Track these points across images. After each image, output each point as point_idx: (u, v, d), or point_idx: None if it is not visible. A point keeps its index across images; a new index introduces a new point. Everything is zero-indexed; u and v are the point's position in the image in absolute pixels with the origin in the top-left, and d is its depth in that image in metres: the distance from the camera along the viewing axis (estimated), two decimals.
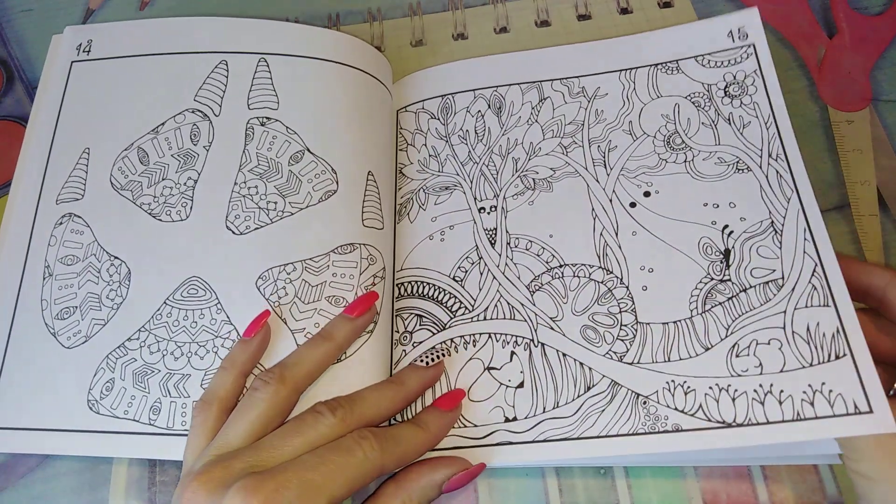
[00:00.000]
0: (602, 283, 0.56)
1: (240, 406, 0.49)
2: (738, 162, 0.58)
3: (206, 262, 0.57)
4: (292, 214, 0.58)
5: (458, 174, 0.62)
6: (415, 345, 0.56)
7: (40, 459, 0.56)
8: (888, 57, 0.69)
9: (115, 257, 0.57)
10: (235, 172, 0.59)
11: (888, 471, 0.45)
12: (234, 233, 0.57)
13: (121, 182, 0.60)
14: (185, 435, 0.52)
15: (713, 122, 0.60)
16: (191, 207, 0.58)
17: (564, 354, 0.54)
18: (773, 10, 0.71)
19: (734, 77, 0.61)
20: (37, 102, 0.65)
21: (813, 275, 0.52)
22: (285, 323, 0.54)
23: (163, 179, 0.60)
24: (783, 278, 0.53)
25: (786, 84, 0.68)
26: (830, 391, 0.48)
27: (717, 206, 0.56)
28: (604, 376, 0.53)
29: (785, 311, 0.52)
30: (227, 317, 0.55)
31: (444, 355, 0.55)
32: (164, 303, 0.56)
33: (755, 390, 0.50)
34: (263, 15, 0.69)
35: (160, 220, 0.58)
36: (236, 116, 0.61)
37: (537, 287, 0.57)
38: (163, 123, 0.61)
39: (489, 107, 0.64)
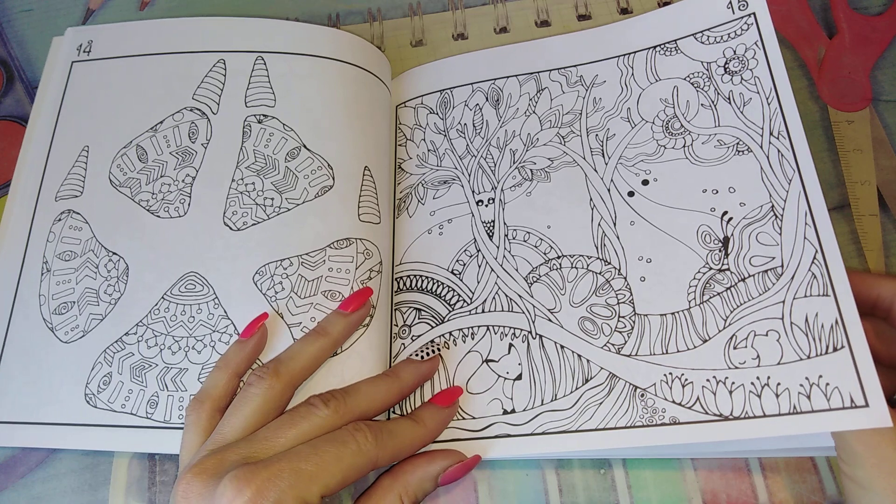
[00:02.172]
0: (600, 274, 0.56)
1: (235, 402, 0.49)
2: (738, 143, 0.57)
3: (204, 257, 0.57)
4: (289, 210, 0.58)
5: (456, 168, 0.62)
6: (413, 338, 0.56)
7: (40, 459, 0.55)
8: (888, 57, 0.69)
9: (114, 253, 0.58)
10: (233, 169, 0.60)
11: (880, 480, 0.44)
12: (231, 229, 0.57)
13: (119, 179, 0.60)
14: (182, 428, 0.52)
15: (713, 102, 0.59)
16: (189, 204, 0.59)
17: (562, 346, 0.54)
18: (773, 10, 0.71)
19: (734, 52, 0.60)
20: (37, 101, 0.65)
21: (813, 262, 0.51)
22: (282, 317, 0.54)
23: (161, 177, 0.60)
24: (782, 266, 0.52)
25: None
26: (827, 384, 0.47)
27: (717, 191, 0.56)
28: (602, 368, 0.52)
29: (784, 301, 0.51)
30: (225, 311, 0.55)
31: (440, 349, 0.55)
32: (162, 298, 0.56)
33: (752, 383, 0.49)
34: (263, 15, 0.69)
35: (158, 216, 0.59)
36: (234, 114, 0.62)
37: (535, 279, 0.56)
38: (161, 122, 0.62)
39: (487, 100, 0.64)
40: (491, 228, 0.59)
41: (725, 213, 0.55)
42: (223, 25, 0.65)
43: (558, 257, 0.57)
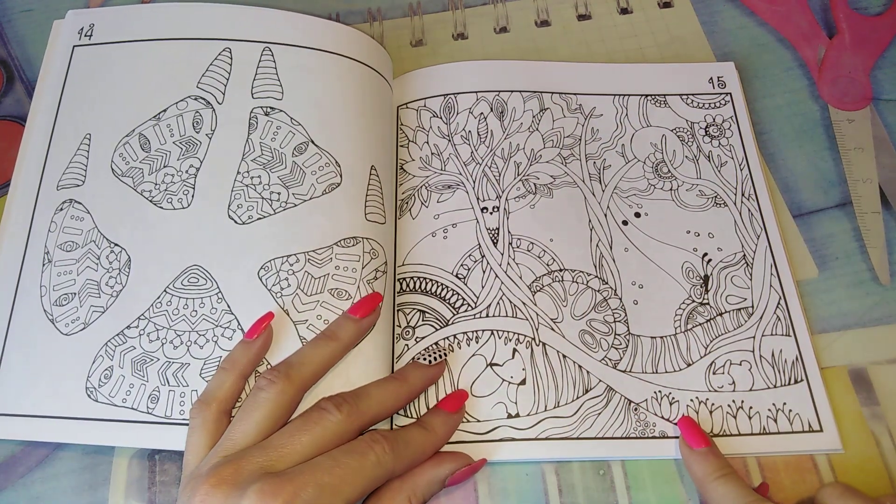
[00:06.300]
0: (598, 291, 0.58)
1: (245, 406, 0.48)
2: (716, 196, 0.63)
3: (207, 251, 0.56)
4: (296, 206, 0.57)
5: (460, 173, 0.63)
6: (417, 340, 0.56)
7: (40, 459, 0.55)
8: (888, 57, 0.70)
9: (115, 244, 0.57)
10: (238, 161, 0.59)
11: None
12: (236, 222, 0.57)
13: (122, 169, 0.59)
14: (183, 424, 0.52)
15: (695, 156, 0.64)
16: (192, 196, 0.58)
17: (564, 356, 0.56)
18: (773, 10, 0.72)
19: (713, 119, 0.66)
20: (38, 87, 0.64)
21: (777, 306, 0.58)
22: (287, 314, 0.54)
23: (164, 167, 0.59)
24: (752, 307, 0.59)
25: (786, 84, 0.69)
26: (790, 411, 0.55)
27: (699, 234, 0.61)
28: (600, 381, 0.55)
29: (754, 337, 0.58)
30: (228, 306, 0.55)
31: (446, 354, 0.55)
32: (164, 291, 0.56)
33: (729, 405, 0.55)
34: None
35: (161, 207, 0.58)
36: (240, 105, 0.61)
37: (538, 288, 0.58)
38: (164, 110, 0.61)
39: (491, 110, 0.65)
40: (495, 235, 0.60)
41: (706, 254, 0.60)
42: (230, 13, 0.64)
43: (560, 270, 0.59)
